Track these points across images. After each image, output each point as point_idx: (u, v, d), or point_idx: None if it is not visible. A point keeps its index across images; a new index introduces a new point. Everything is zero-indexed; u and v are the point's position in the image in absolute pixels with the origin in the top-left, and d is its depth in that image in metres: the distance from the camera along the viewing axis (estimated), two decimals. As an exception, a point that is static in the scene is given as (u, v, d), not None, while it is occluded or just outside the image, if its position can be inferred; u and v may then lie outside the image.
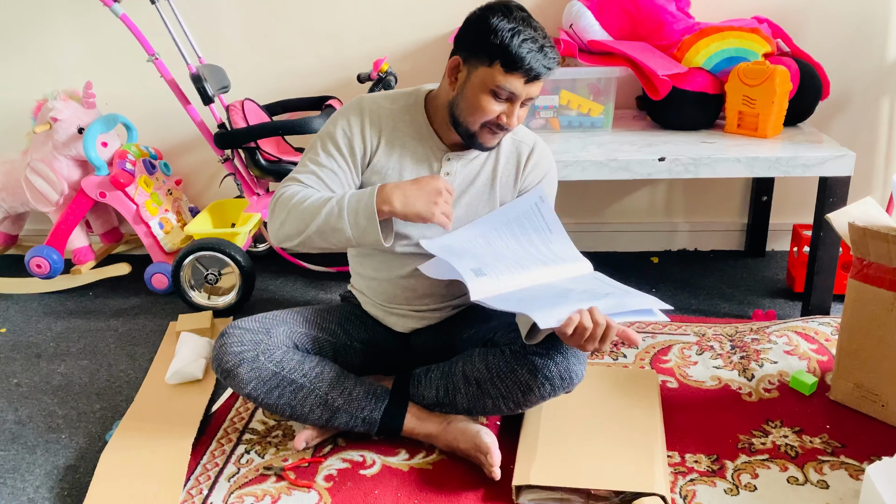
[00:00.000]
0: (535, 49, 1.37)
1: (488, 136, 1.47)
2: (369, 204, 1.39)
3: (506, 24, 1.36)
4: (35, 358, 2.08)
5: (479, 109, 1.42)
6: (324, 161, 1.50)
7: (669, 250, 2.71)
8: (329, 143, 1.51)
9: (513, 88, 1.39)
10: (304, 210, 1.43)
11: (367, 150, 1.52)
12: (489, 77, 1.39)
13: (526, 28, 1.37)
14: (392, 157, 1.53)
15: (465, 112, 1.44)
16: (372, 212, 1.39)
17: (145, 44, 2.20)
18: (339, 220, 1.40)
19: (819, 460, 1.53)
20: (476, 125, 1.44)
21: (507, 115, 1.43)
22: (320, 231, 1.42)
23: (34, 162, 2.40)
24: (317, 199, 1.43)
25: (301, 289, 2.45)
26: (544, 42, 1.38)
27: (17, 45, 2.55)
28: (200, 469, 1.56)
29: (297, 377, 1.51)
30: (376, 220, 1.39)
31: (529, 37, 1.36)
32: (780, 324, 2.06)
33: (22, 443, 1.71)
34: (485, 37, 1.37)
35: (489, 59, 1.38)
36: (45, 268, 2.41)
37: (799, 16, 2.38)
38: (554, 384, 1.48)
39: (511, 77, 1.38)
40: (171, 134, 2.63)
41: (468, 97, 1.43)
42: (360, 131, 1.51)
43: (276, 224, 1.47)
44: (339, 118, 1.53)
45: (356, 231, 1.40)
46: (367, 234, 1.40)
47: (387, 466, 1.55)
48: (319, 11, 2.47)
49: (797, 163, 1.96)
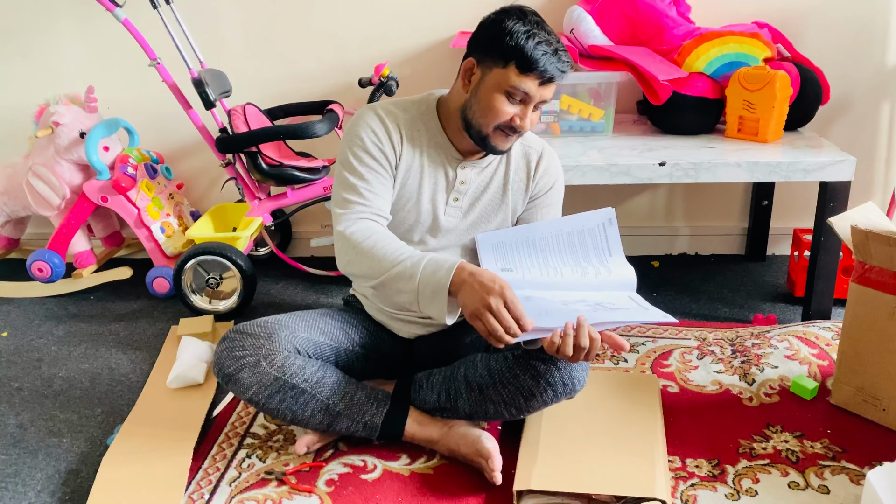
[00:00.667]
0: (550, 52, 1.39)
1: (501, 139, 1.48)
2: (444, 282, 1.33)
3: (521, 26, 1.38)
4: (36, 362, 2.08)
5: (493, 110, 1.43)
6: (365, 173, 1.48)
7: (670, 254, 2.71)
8: (362, 153, 1.49)
9: (527, 89, 1.40)
10: (374, 258, 1.40)
11: (396, 154, 1.52)
12: (504, 78, 1.40)
13: (540, 31, 1.39)
14: (413, 165, 1.53)
15: (478, 114, 1.45)
16: (444, 289, 1.33)
17: (147, 48, 2.21)
18: (409, 283, 1.36)
19: (820, 465, 1.53)
20: (489, 127, 1.45)
21: (521, 117, 1.44)
22: (384, 284, 1.40)
23: (36, 166, 2.40)
24: (388, 250, 1.40)
25: (302, 293, 2.46)
26: (558, 45, 1.41)
27: (20, 50, 2.56)
28: (202, 473, 1.56)
29: (299, 382, 1.51)
30: (444, 298, 1.33)
31: (544, 39, 1.39)
32: (781, 328, 2.06)
33: (23, 447, 1.71)
34: (500, 39, 1.39)
35: (504, 60, 1.40)
36: (46, 272, 2.41)
37: (799, 21, 2.39)
38: (556, 390, 1.49)
39: (525, 78, 1.40)
40: (172, 138, 2.64)
41: (482, 98, 1.43)
42: (387, 138, 1.51)
43: (344, 261, 1.46)
44: (361, 127, 1.51)
45: (423, 299, 1.36)
46: (432, 306, 1.36)
47: (388, 471, 1.55)
48: (321, 16, 2.48)
49: (798, 167, 1.96)
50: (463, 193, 1.57)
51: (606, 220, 1.58)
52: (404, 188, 1.54)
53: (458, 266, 1.34)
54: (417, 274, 1.35)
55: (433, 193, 1.56)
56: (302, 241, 2.75)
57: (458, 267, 1.34)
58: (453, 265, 1.35)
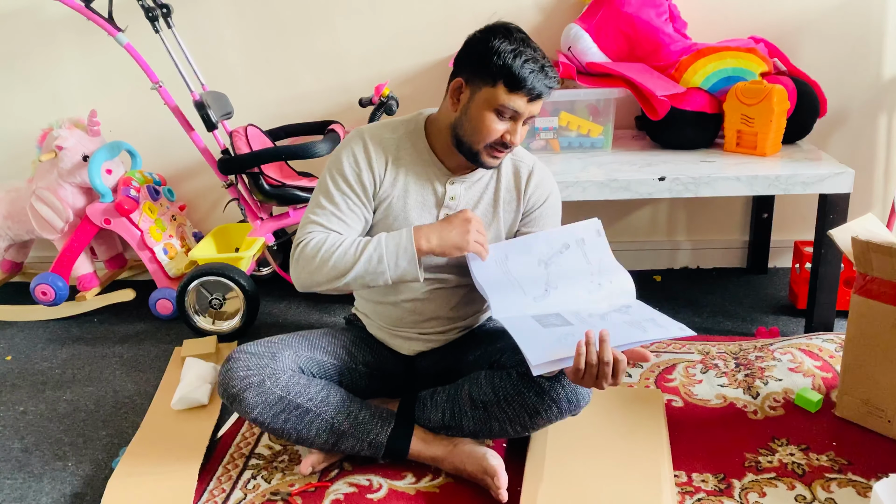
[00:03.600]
0: (537, 69, 1.40)
1: (492, 155, 1.49)
2: (408, 247, 1.45)
3: (507, 45, 1.40)
4: (41, 385, 2.08)
5: (484, 129, 1.44)
6: (338, 199, 1.51)
7: (672, 268, 2.71)
8: (340, 179, 1.52)
9: (516, 107, 1.42)
10: (338, 259, 1.45)
11: (375, 181, 1.53)
12: (493, 97, 1.42)
13: (527, 49, 1.41)
14: (397, 184, 1.54)
15: (469, 132, 1.46)
16: (412, 254, 1.45)
17: (149, 72, 2.23)
18: (380, 265, 1.45)
19: (826, 478, 1.53)
20: (480, 144, 1.47)
21: (511, 133, 1.46)
22: (357, 277, 1.46)
23: (39, 190, 2.42)
24: (348, 247, 1.46)
25: (305, 312, 2.46)
26: (544, 62, 1.42)
27: (23, 75, 2.58)
28: (207, 495, 1.56)
29: (303, 401, 1.51)
30: (416, 261, 1.45)
31: (531, 57, 1.40)
32: (784, 341, 2.06)
33: (28, 471, 1.70)
34: (487, 58, 1.40)
35: (492, 79, 1.41)
36: (50, 295, 2.42)
37: (795, 35, 2.41)
38: (561, 407, 1.49)
39: (514, 96, 1.41)
40: (174, 160, 2.65)
41: (472, 117, 1.45)
42: (367, 164, 1.52)
43: (305, 273, 1.48)
44: (344, 153, 1.53)
45: (396, 273, 1.46)
46: (406, 274, 1.46)
47: (393, 490, 1.55)
48: (321, 37, 2.50)
49: (797, 180, 1.97)
50: (453, 209, 1.57)
51: (594, 230, 1.59)
52: (390, 208, 1.54)
53: (412, 228, 1.47)
54: (383, 251, 1.45)
55: (421, 210, 1.56)
56: (304, 260, 2.75)
57: (414, 229, 1.47)
58: (409, 228, 1.47)
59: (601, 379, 1.31)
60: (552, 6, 2.43)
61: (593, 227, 1.59)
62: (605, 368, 1.30)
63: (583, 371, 1.31)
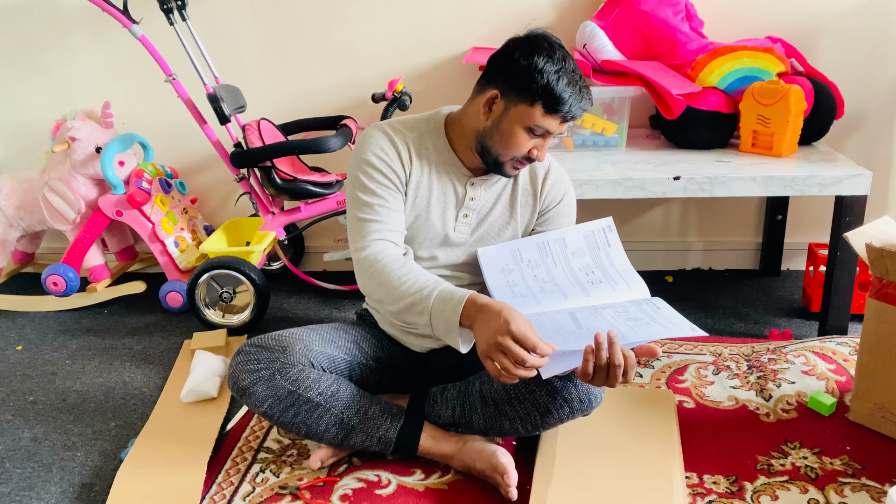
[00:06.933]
0: (576, 93, 1.42)
1: (515, 167, 1.51)
2: (453, 319, 1.34)
3: (551, 66, 1.39)
4: (51, 376, 2.09)
5: (514, 144, 1.46)
6: (377, 190, 1.50)
7: (684, 269, 2.70)
8: (373, 171, 1.50)
9: (549, 128, 1.44)
10: (389, 287, 1.41)
11: (406, 171, 1.53)
12: (528, 116, 1.43)
13: (568, 70, 1.41)
14: (422, 181, 1.54)
15: (498, 144, 1.47)
16: (455, 326, 1.35)
17: (163, 64, 2.23)
18: (422, 318, 1.39)
19: (840, 482, 1.51)
20: (507, 157, 1.48)
21: (539, 149, 1.48)
22: (399, 314, 1.44)
23: (52, 181, 2.42)
24: (400, 278, 1.41)
25: (316, 307, 2.46)
26: (581, 83, 1.43)
27: (37, 66, 2.59)
28: (216, 488, 1.56)
29: (313, 396, 1.51)
30: (457, 334, 1.35)
31: (571, 80, 1.41)
32: (797, 343, 2.04)
33: (37, 461, 1.71)
34: (529, 76, 1.40)
35: (531, 98, 1.41)
36: (61, 286, 2.43)
37: (812, 35, 2.39)
38: (573, 406, 1.48)
39: (549, 118, 1.43)
40: (187, 153, 2.66)
41: (504, 130, 1.45)
42: (395, 156, 1.52)
43: (361, 284, 1.49)
44: (369, 147, 1.51)
45: (437, 333, 1.39)
46: (447, 339, 1.38)
47: (402, 486, 1.54)
48: (334, 32, 2.50)
49: (813, 182, 1.95)
50: (472, 210, 1.58)
51: (606, 229, 1.60)
52: (414, 205, 1.55)
53: (466, 301, 1.33)
54: (429, 310, 1.37)
55: (443, 210, 1.56)
56: (315, 255, 2.76)
57: (467, 301, 1.33)
58: (462, 299, 1.34)
59: (612, 379, 1.32)
60: (567, 3, 2.42)
61: (606, 226, 1.59)
62: (615, 371, 1.30)
63: (592, 374, 1.31)
